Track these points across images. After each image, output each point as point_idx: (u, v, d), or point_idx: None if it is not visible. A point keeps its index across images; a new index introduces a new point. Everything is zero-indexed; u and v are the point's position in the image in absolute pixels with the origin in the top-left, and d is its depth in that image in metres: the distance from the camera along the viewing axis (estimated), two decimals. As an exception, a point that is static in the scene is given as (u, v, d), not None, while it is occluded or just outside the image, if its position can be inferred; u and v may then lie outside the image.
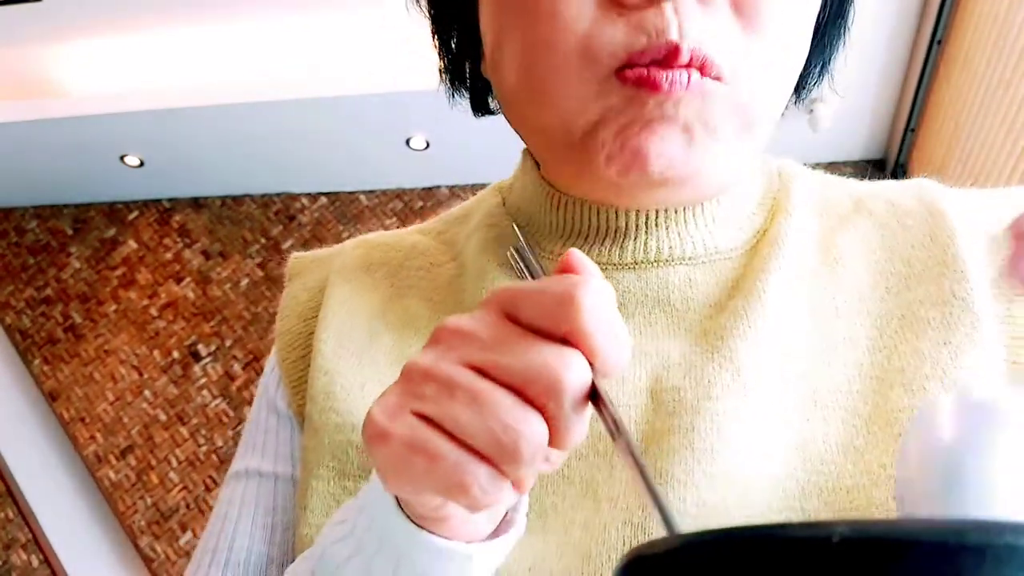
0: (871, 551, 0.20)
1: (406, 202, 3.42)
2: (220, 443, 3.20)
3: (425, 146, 3.12)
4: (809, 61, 0.49)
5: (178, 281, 3.43)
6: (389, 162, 3.25)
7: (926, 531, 0.20)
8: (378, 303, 0.53)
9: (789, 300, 0.46)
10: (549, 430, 0.29)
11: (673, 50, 0.38)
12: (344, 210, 3.45)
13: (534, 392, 0.29)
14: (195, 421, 3.23)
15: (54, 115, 2.93)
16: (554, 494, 0.43)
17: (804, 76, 0.50)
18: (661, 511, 0.27)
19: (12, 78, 2.96)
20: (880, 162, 3.13)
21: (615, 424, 0.30)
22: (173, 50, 2.89)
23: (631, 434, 0.31)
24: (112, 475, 3.20)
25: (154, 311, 3.39)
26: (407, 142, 3.10)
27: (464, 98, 0.55)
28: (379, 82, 2.78)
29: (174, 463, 3.19)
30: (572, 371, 0.29)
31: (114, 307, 3.42)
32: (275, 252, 3.40)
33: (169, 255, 3.47)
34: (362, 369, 0.50)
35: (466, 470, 0.29)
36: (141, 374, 3.31)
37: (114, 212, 3.56)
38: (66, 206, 3.58)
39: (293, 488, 0.52)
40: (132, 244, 3.51)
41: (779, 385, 0.43)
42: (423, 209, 3.38)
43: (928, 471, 0.28)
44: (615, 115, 0.41)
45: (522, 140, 0.51)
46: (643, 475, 0.29)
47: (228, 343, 3.32)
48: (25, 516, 3.11)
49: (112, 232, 3.54)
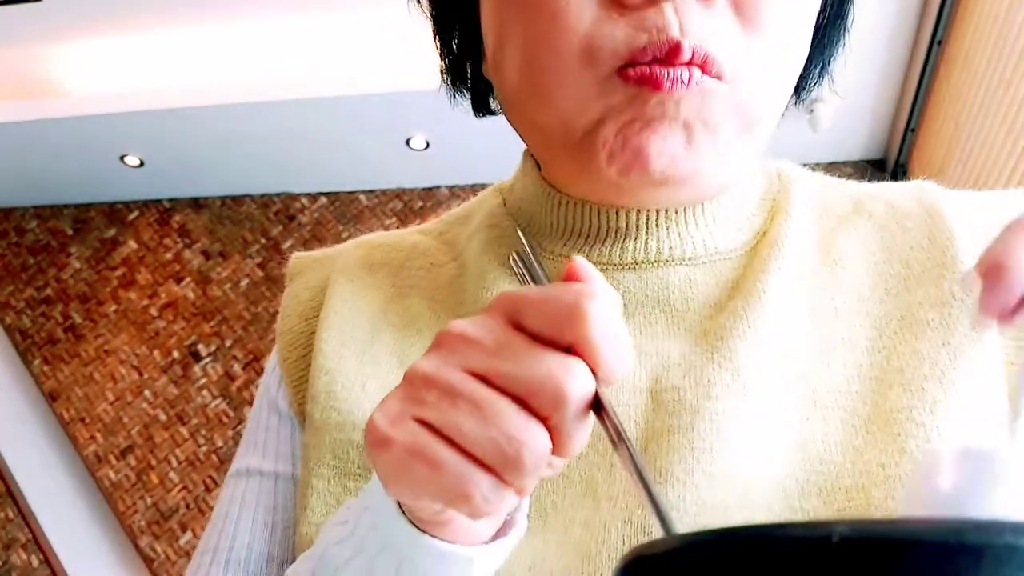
0: (871, 551, 0.20)
1: (406, 202, 3.42)
2: (220, 443, 3.20)
3: (425, 146, 3.12)
4: (809, 61, 0.49)
5: (178, 281, 3.43)
6: (389, 162, 3.25)
7: (926, 531, 0.20)
8: (380, 303, 0.53)
9: (789, 301, 0.46)
10: (552, 439, 0.29)
11: (675, 47, 0.38)
12: (344, 210, 3.45)
13: (538, 403, 0.29)
14: (195, 421, 3.23)
15: (54, 115, 2.93)
16: (554, 493, 0.43)
17: (804, 76, 0.51)
18: (662, 520, 0.28)
19: (12, 78, 2.96)
20: (880, 162, 3.13)
21: (617, 433, 0.30)
22: (173, 50, 2.89)
23: (633, 443, 0.31)
24: (112, 475, 3.20)
25: (154, 311, 3.39)
26: (407, 142, 3.10)
27: (465, 98, 0.55)
28: (379, 82, 2.78)
29: (174, 463, 3.19)
30: (576, 382, 0.29)
31: (114, 307, 3.42)
32: (275, 252, 3.40)
33: (169, 255, 3.47)
34: (363, 368, 0.50)
35: (468, 479, 0.29)
36: (141, 374, 3.31)
37: (114, 212, 3.56)
38: (66, 206, 3.58)
39: (294, 487, 0.52)
40: (132, 244, 3.51)
41: (779, 385, 0.43)
42: (423, 209, 3.38)
43: None
44: (617, 114, 0.41)
45: (523, 140, 0.51)
46: (645, 485, 0.29)
47: (228, 343, 3.32)
48: (25, 516, 3.11)
49: (112, 232, 3.54)
